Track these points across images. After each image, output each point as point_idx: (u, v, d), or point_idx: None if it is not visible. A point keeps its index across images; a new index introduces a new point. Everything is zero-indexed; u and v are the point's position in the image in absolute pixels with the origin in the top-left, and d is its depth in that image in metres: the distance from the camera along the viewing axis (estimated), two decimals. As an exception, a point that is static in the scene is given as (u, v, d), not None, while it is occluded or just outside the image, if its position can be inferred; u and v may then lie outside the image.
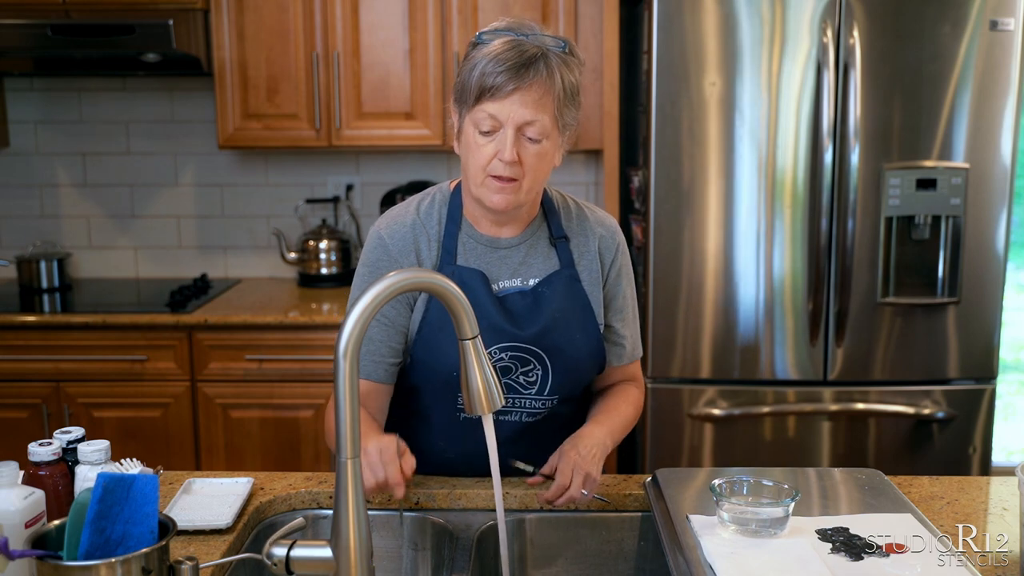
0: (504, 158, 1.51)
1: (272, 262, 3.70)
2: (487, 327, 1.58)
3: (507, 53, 1.49)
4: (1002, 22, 2.76)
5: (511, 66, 1.48)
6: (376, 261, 1.64)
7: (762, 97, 2.81)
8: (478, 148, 1.53)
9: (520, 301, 1.63)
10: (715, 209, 2.86)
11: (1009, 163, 2.83)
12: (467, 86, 1.52)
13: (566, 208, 1.72)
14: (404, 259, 1.63)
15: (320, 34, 3.26)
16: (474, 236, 1.65)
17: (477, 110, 1.51)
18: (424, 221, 1.65)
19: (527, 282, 1.65)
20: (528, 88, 1.49)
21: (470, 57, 1.54)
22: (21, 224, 3.71)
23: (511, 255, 1.65)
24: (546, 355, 1.63)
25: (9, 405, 3.13)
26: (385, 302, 1.21)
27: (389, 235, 1.64)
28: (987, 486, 1.70)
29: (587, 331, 1.67)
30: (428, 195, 1.69)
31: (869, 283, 2.87)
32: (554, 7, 3.23)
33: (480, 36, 1.55)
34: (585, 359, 1.68)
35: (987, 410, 2.94)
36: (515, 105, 1.49)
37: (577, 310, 1.66)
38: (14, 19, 3.14)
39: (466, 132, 1.55)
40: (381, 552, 1.62)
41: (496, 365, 1.61)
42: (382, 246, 1.64)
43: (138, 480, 1.19)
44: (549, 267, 1.67)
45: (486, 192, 1.55)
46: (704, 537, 1.41)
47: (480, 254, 1.64)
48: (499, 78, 1.48)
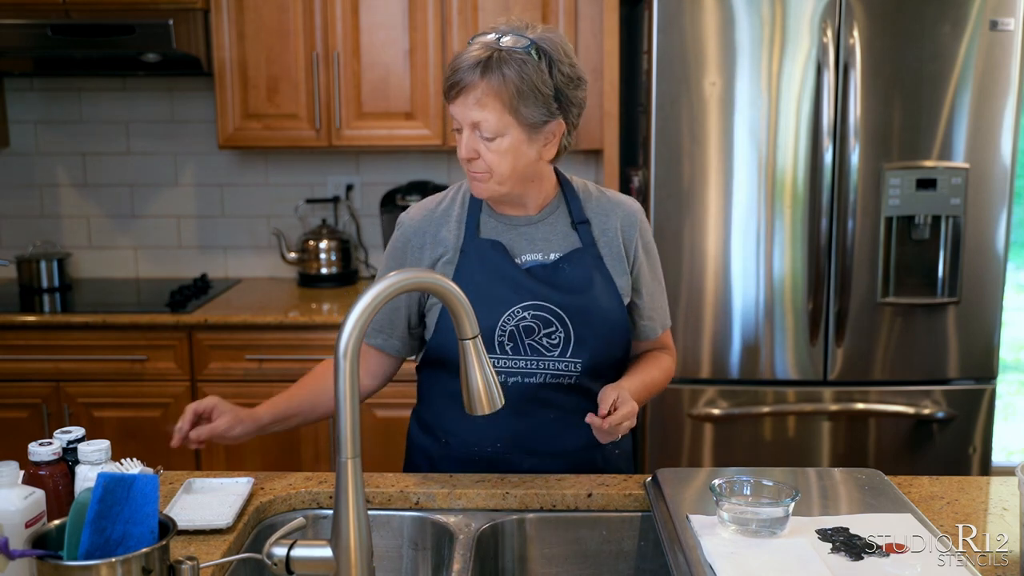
0: (460, 155, 1.65)
1: (272, 262, 3.70)
2: (511, 288, 1.69)
3: (460, 58, 1.61)
4: (1002, 22, 2.76)
5: (458, 70, 1.60)
6: (396, 247, 1.77)
7: (762, 97, 2.81)
8: (457, 144, 1.67)
9: (543, 271, 1.72)
10: (715, 209, 2.86)
11: (1009, 163, 2.83)
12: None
13: (586, 192, 1.80)
14: (416, 239, 1.74)
15: (320, 34, 3.26)
16: (494, 216, 1.75)
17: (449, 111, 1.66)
18: (448, 207, 1.77)
19: (548, 256, 1.73)
20: (470, 90, 1.59)
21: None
22: (21, 224, 3.71)
23: (531, 232, 1.74)
24: (567, 316, 1.69)
25: (9, 405, 3.13)
26: (385, 302, 1.21)
27: (410, 222, 1.77)
28: (987, 486, 1.70)
29: (611, 302, 1.74)
30: (452, 187, 1.82)
31: (869, 283, 2.87)
32: (554, 7, 3.23)
33: (472, 39, 1.65)
34: (608, 326, 1.73)
35: (987, 410, 2.94)
36: (462, 107, 1.62)
37: (599, 283, 1.73)
38: (14, 19, 3.14)
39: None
40: (381, 552, 1.62)
41: (520, 325, 1.68)
42: (402, 233, 1.77)
43: (138, 480, 1.19)
44: (569, 245, 1.75)
45: (470, 181, 1.70)
46: (704, 537, 1.41)
47: (501, 231, 1.74)
48: (448, 82, 1.62)
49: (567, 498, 1.64)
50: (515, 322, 1.68)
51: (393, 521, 1.64)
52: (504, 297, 1.68)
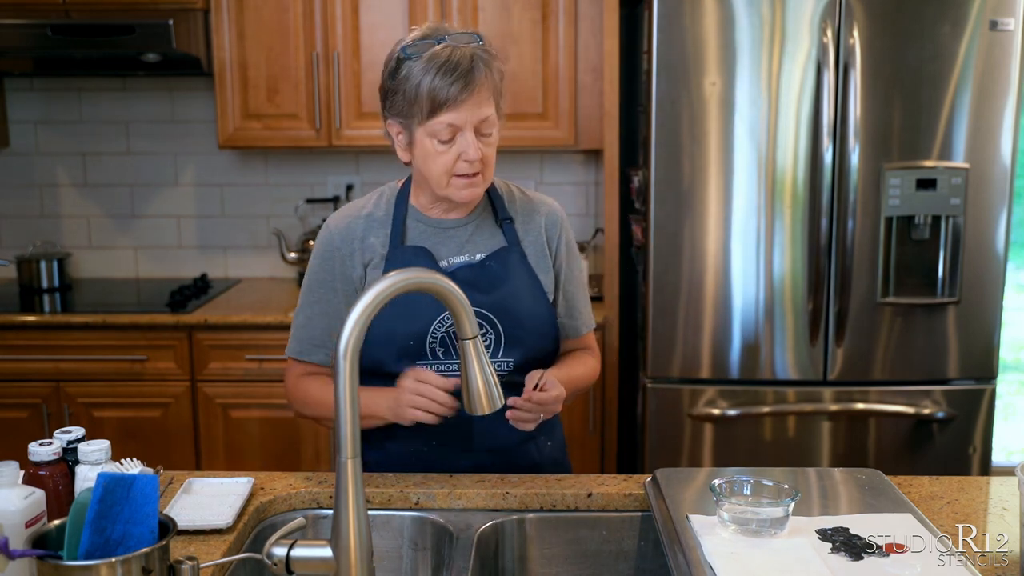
0: (470, 158, 1.62)
1: (272, 262, 3.70)
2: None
3: (449, 64, 1.59)
4: (1002, 22, 2.76)
5: (459, 75, 1.58)
6: (323, 252, 1.76)
7: (762, 97, 2.81)
8: (440, 155, 1.64)
9: (469, 273, 1.73)
10: (715, 209, 2.86)
11: (1009, 163, 2.83)
12: (415, 101, 1.61)
13: (509, 193, 1.83)
14: (345, 247, 1.74)
15: (320, 34, 3.26)
16: (421, 220, 1.76)
17: (434, 123, 1.61)
18: (372, 212, 1.77)
19: (474, 256, 1.75)
20: (477, 91, 1.60)
21: (405, 74, 1.62)
22: (21, 224, 3.71)
23: (457, 234, 1.76)
24: (496, 318, 1.71)
25: (9, 405, 3.13)
26: (385, 302, 1.21)
27: (336, 228, 1.76)
28: (987, 486, 1.70)
29: (536, 301, 1.76)
30: (376, 192, 1.82)
31: (869, 283, 2.87)
32: (554, 7, 3.23)
33: (406, 51, 1.63)
34: (536, 322, 1.76)
35: (987, 410, 2.94)
36: (470, 108, 1.61)
37: (526, 282, 1.76)
38: (14, 19, 3.14)
39: (421, 144, 1.65)
40: (381, 552, 1.62)
41: (450, 331, 1.69)
42: (328, 239, 1.76)
43: (138, 480, 1.19)
44: (495, 244, 1.77)
45: (453, 191, 1.67)
46: (704, 537, 1.41)
47: (428, 235, 1.75)
48: (451, 89, 1.58)
49: (567, 498, 1.64)
50: (445, 328, 1.69)
51: (393, 521, 1.64)
52: (433, 304, 1.67)
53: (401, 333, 1.69)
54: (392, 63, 1.66)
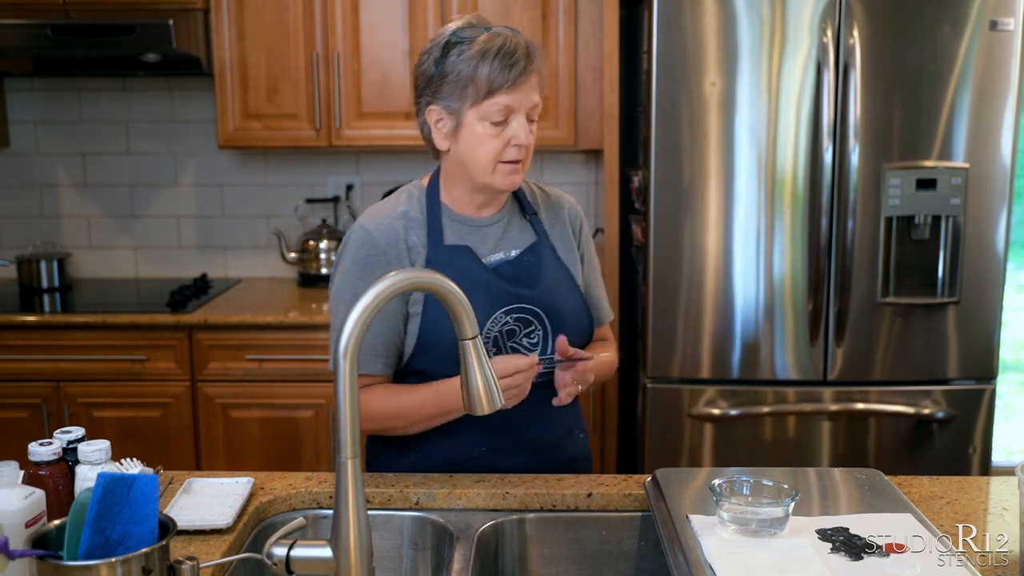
0: (522, 141, 1.64)
1: (272, 262, 3.70)
2: (488, 293, 1.69)
3: (507, 48, 1.61)
4: (1002, 22, 2.76)
5: (517, 58, 1.61)
6: (366, 256, 1.70)
7: (762, 97, 2.81)
8: (489, 139, 1.64)
9: (510, 269, 1.73)
10: (715, 209, 2.86)
11: (1009, 163, 2.83)
12: (470, 83, 1.61)
13: (528, 188, 1.84)
14: (391, 249, 1.70)
15: (320, 34, 3.26)
16: (455, 218, 1.75)
17: (489, 104, 1.62)
18: (407, 212, 1.74)
19: (510, 253, 1.75)
20: (532, 75, 1.63)
21: (456, 58, 1.62)
22: (21, 224, 3.71)
23: (491, 231, 1.76)
24: (545, 314, 1.72)
25: (9, 405, 3.13)
26: (385, 302, 1.21)
27: (376, 228, 1.71)
28: (987, 486, 1.70)
29: (574, 293, 1.78)
30: (403, 192, 1.79)
31: (869, 283, 2.87)
32: (554, 7, 3.23)
33: (459, 35, 1.64)
34: (576, 317, 1.78)
35: (987, 410, 2.94)
36: (526, 92, 1.63)
37: (561, 275, 1.78)
38: (14, 19, 3.14)
39: (470, 128, 1.65)
40: (381, 552, 1.62)
41: (503, 330, 1.69)
42: (371, 240, 1.70)
43: (138, 480, 1.19)
44: (527, 239, 1.78)
45: (498, 177, 1.67)
46: (704, 537, 1.41)
47: (464, 233, 1.74)
48: (511, 72, 1.60)
49: (567, 498, 1.64)
50: (499, 327, 1.69)
51: (393, 521, 1.64)
52: (483, 303, 1.67)
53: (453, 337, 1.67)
54: (437, 49, 1.65)
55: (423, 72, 1.68)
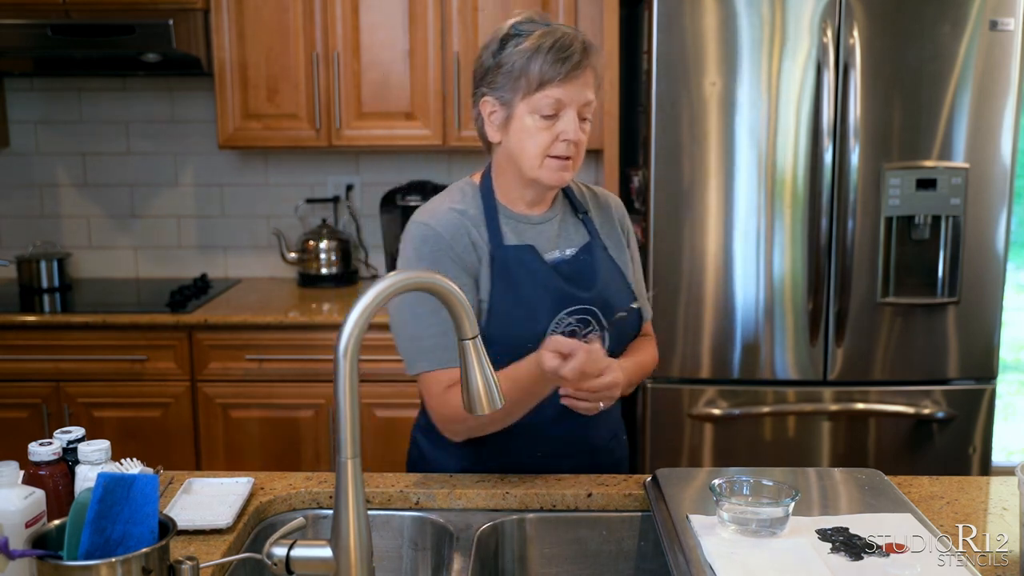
0: (571, 137, 1.62)
1: (272, 262, 3.70)
2: (552, 294, 1.68)
3: (563, 42, 1.62)
4: (1002, 22, 2.76)
5: (571, 53, 1.61)
6: (433, 252, 1.66)
7: (762, 97, 2.81)
8: (539, 132, 1.63)
9: (567, 268, 1.72)
10: (715, 209, 2.86)
11: (1009, 163, 2.83)
12: (522, 75, 1.62)
13: (577, 187, 1.84)
14: (458, 243, 1.67)
15: (320, 34, 3.26)
16: (511, 216, 1.73)
17: (540, 96, 1.61)
18: (465, 210, 1.71)
19: (565, 252, 1.75)
20: (586, 71, 1.63)
21: (512, 49, 1.63)
22: (21, 224, 3.71)
23: (546, 229, 1.75)
24: (602, 314, 1.72)
25: (9, 405, 3.13)
26: (385, 302, 1.21)
27: (438, 223, 1.68)
28: (987, 486, 1.70)
29: (627, 292, 1.79)
30: (454, 189, 1.77)
31: (869, 283, 2.87)
32: (554, 7, 3.23)
33: (517, 28, 1.66)
34: (632, 318, 1.77)
35: (987, 410, 2.94)
36: (579, 87, 1.62)
37: (614, 274, 1.78)
38: (14, 19, 3.14)
39: (521, 119, 1.64)
40: (381, 552, 1.62)
41: (565, 330, 1.69)
42: (435, 235, 1.67)
43: (138, 480, 1.19)
44: (581, 238, 1.78)
45: (545, 172, 1.66)
46: (704, 537, 1.41)
47: (521, 231, 1.73)
48: (564, 66, 1.60)
49: (567, 498, 1.64)
50: (561, 328, 1.68)
51: (393, 521, 1.64)
52: (547, 303, 1.67)
53: (520, 336, 1.65)
54: (495, 42, 1.66)
55: (481, 64, 1.68)
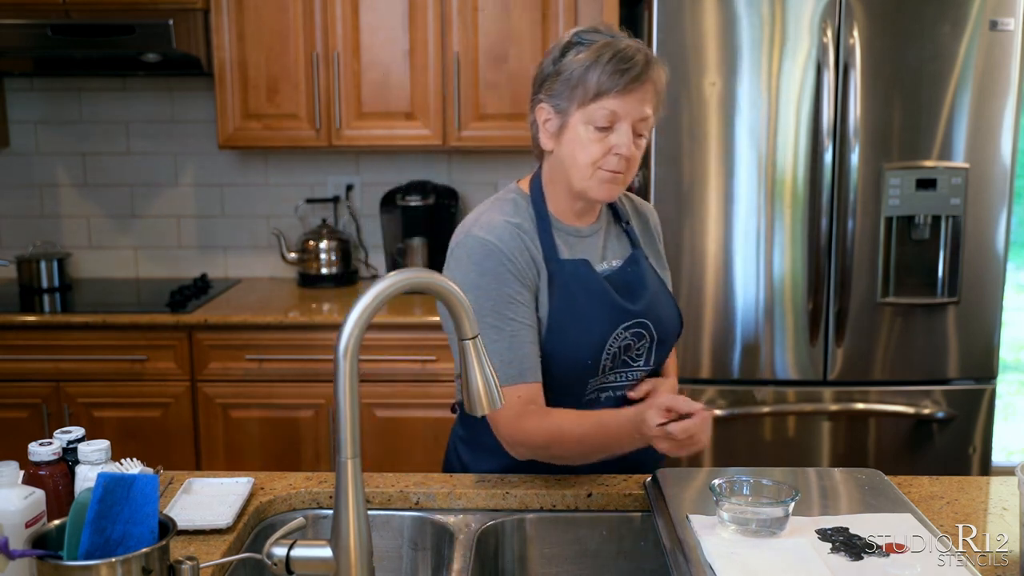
0: (623, 152, 1.60)
1: (272, 262, 3.70)
2: (609, 310, 1.67)
3: (624, 54, 1.58)
4: (1002, 22, 2.76)
5: (631, 65, 1.58)
6: (496, 267, 1.63)
7: (762, 97, 2.81)
8: (591, 143, 1.61)
9: (617, 280, 1.72)
10: (715, 209, 2.86)
11: (1009, 163, 2.83)
12: (579, 84, 1.59)
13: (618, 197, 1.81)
14: (519, 259, 1.64)
15: (320, 34, 3.26)
16: (562, 228, 1.71)
17: (596, 107, 1.59)
18: (520, 223, 1.68)
19: (612, 263, 1.74)
20: (646, 86, 1.60)
21: (574, 57, 1.61)
22: (21, 224, 3.71)
23: (594, 241, 1.74)
24: (653, 326, 1.72)
25: (9, 405, 3.13)
26: (385, 302, 1.21)
27: (499, 238, 1.64)
28: (987, 486, 1.70)
29: (671, 302, 1.80)
30: (506, 200, 1.72)
31: (869, 283, 2.87)
32: (554, 7, 3.23)
33: (579, 37, 1.63)
34: (674, 326, 1.78)
35: (987, 410, 2.94)
36: (636, 102, 1.59)
37: (658, 285, 1.78)
38: (14, 19, 3.14)
39: (574, 128, 1.62)
40: (381, 552, 1.62)
41: (621, 345, 1.68)
42: (497, 251, 1.63)
43: (138, 480, 1.19)
44: (625, 249, 1.78)
45: (594, 184, 1.63)
46: (704, 537, 1.41)
47: (572, 243, 1.71)
48: (622, 78, 1.57)
49: (567, 498, 1.64)
50: (618, 343, 1.68)
51: (393, 521, 1.64)
52: (604, 318, 1.66)
53: (579, 351, 1.65)
54: (557, 49, 1.65)
55: (541, 70, 1.67)
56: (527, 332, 1.62)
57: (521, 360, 1.61)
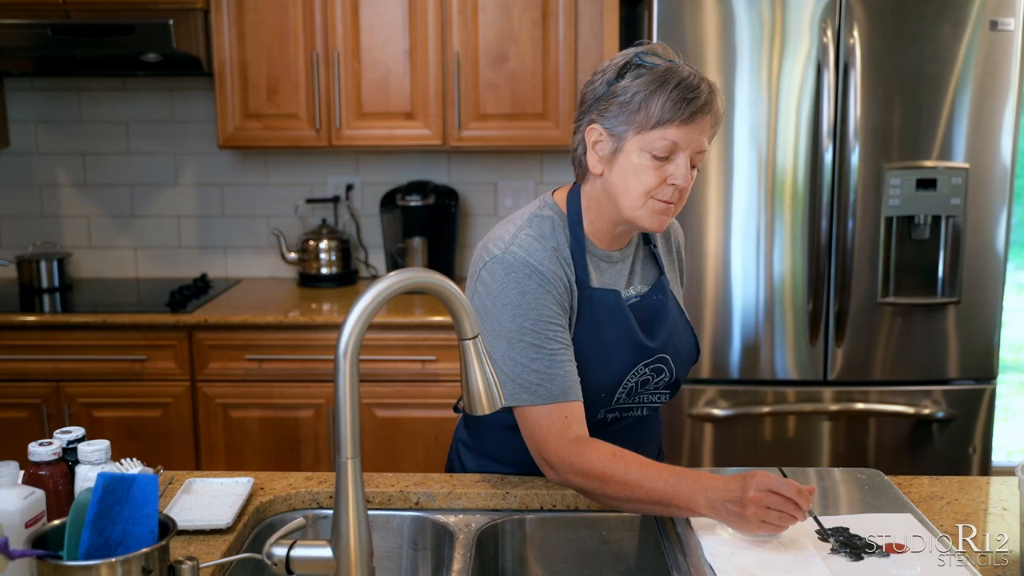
0: (679, 183, 1.54)
1: (272, 262, 3.70)
2: (633, 346, 1.64)
3: (690, 83, 1.52)
4: (1002, 22, 2.76)
5: (697, 95, 1.51)
6: (536, 289, 1.58)
7: (762, 97, 2.81)
8: (647, 172, 1.55)
9: (643, 310, 1.69)
10: (715, 209, 2.86)
11: (1009, 163, 2.83)
12: (641, 109, 1.52)
13: None
14: (559, 282, 1.60)
15: (320, 34, 3.26)
16: (595, 253, 1.67)
17: (656, 136, 1.52)
18: (557, 247, 1.63)
19: (639, 289, 1.72)
20: (708, 118, 1.54)
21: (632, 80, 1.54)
22: (21, 224, 3.71)
23: (623, 267, 1.71)
24: (672, 359, 1.70)
25: (9, 405, 3.13)
26: (385, 302, 1.21)
27: (539, 261, 1.59)
28: (987, 486, 1.70)
29: (689, 332, 1.77)
30: (542, 217, 1.66)
31: (869, 283, 2.87)
32: (554, 7, 3.23)
33: (641, 59, 1.56)
34: (692, 354, 1.76)
35: (987, 410, 2.94)
36: (696, 133, 1.53)
37: (678, 313, 1.75)
38: (14, 19, 3.14)
39: (629, 155, 1.56)
40: (381, 552, 1.62)
41: (640, 380, 1.67)
42: (537, 273, 1.59)
43: (138, 480, 1.19)
44: (651, 275, 1.75)
45: (645, 214, 1.58)
46: (704, 537, 1.41)
47: (603, 270, 1.68)
48: (689, 107, 1.51)
49: (567, 498, 1.64)
50: (636, 379, 1.67)
51: (393, 521, 1.64)
52: (624, 352, 1.64)
53: (596, 383, 1.64)
54: (613, 69, 1.57)
55: (593, 90, 1.59)
56: (567, 352, 1.59)
57: (564, 377, 1.57)
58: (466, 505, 1.64)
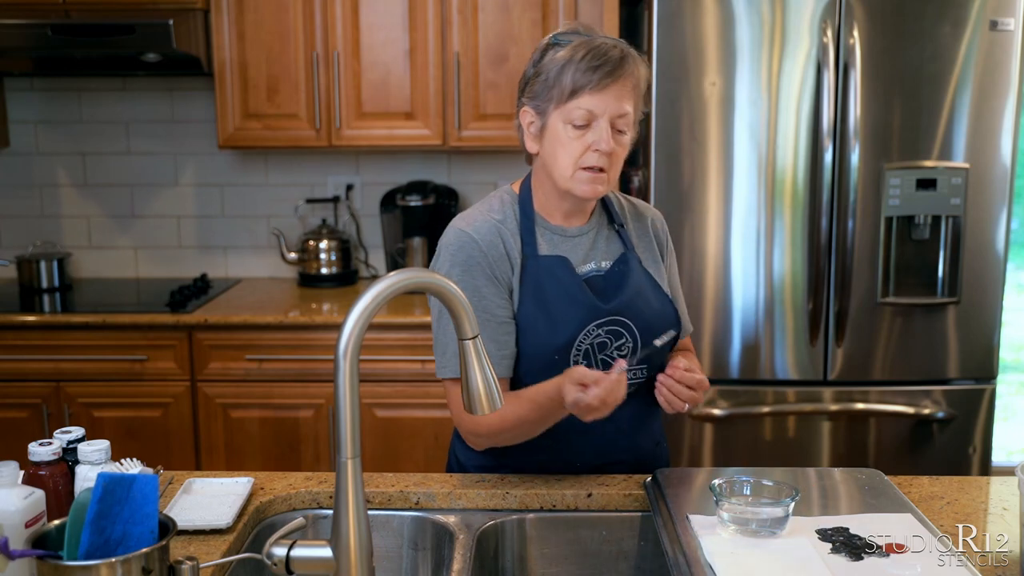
0: (602, 148, 1.60)
1: (272, 262, 3.70)
2: (581, 306, 1.67)
3: (598, 51, 1.59)
4: (1002, 22, 2.76)
5: (607, 61, 1.58)
6: (468, 259, 1.67)
7: (762, 97, 2.81)
8: (570, 142, 1.62)
9: (600, 281, 1.72)
10: (715, 209, 2.86)
11: (1009, 163, 2.83)
12: (557, 83, 1.61)
13: (616, 199, 1.83)
14: (492, 252, 1.67)
15: (320, 34, 3.26)
16: (548, 227, 1.73)
17: (572, 106, 1.60)
18: (503, 219, 1.71)
19: (600, 264, 1.74)
20: (622, 82, 1.60)
21: (552, 58, 1.63)
22: (21, 224, 3.71)
23: (582, 242, 1.74)
24: (633, 323, 1.70)
25: (9, 405, 3.13)
26: (385, 302, 1.21)
27: (475, 231, 1.69)
28: (987, 486, 1.70)
29: (661, 301, 1.77)
30: (495, 198, 1.76)
31: (869, 283, 2.87)
32: (554, 7, 3.23)
33: (557, 38, 1.65)
34: (664, 325, 1.75)
35: (987, 410, 2.94)
36: (611, 99, 1.59)
37: (649, 286, 1.76)
38: (14, 19, 3.14)
39: (553, 128, 1.64)
40: (381, 552, 1.62)
41: (594, 342, 1.68)
42: (471, 243, 1.68)
43: (138, 480, 1.19)
44: (615, 250, 1.77)
45: (577, 183, 1.64)
46: (704, 537, 1.41)
47: (556, 243, 1.72)
48: (595, 75, 1.58)
49: (567, 498, 1.64)
50: (590, 340, 1.68)
51: (393, 521, 1.64)
52: (576, 315, 1.66)
53: (545, 346, 1.66)
54: (538, 52, 1.67)
55: (524, 74, 1.69)
56: (489, 326, 1.65)
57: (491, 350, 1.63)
58: (466, 505, 1.64)
